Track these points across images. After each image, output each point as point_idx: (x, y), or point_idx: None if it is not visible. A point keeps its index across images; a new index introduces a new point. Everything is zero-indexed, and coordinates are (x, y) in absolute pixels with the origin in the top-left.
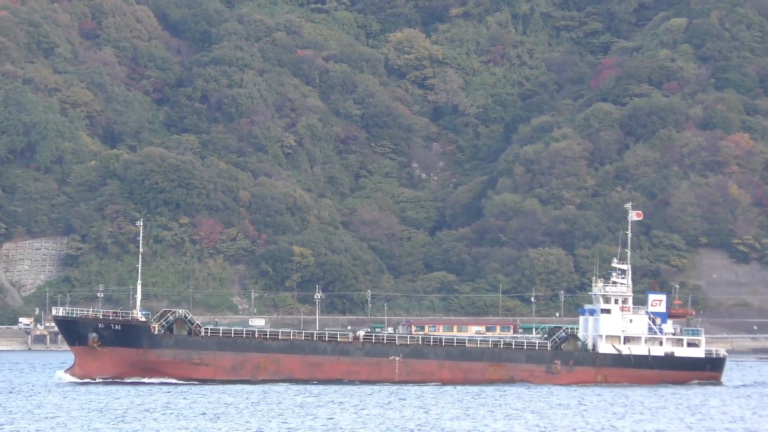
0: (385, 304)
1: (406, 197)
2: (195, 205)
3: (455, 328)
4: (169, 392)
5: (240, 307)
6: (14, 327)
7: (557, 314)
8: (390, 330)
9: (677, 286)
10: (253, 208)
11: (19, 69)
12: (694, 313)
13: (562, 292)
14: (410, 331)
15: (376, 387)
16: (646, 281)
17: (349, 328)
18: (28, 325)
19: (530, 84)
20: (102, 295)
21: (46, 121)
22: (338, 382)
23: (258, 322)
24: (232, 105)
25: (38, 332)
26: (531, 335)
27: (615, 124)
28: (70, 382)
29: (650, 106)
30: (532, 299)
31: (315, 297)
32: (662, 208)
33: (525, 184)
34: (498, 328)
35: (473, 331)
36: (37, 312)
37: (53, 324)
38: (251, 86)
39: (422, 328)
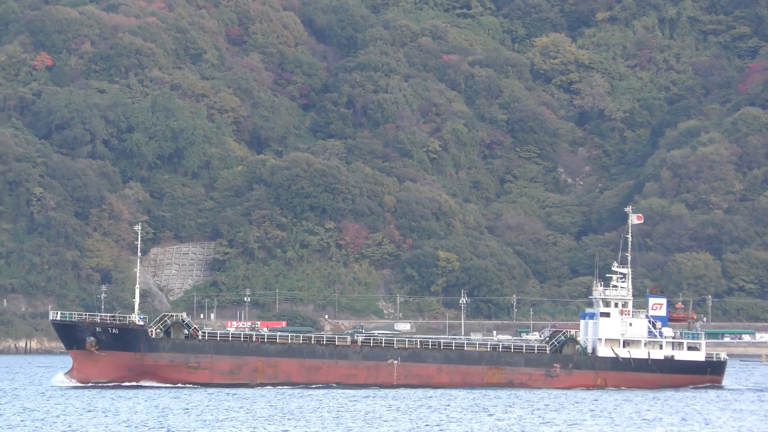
0: (531, 309)
1: (551, 202)
2: (341, 210)
3: None
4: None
5: (385, 311)
6: None
7: (704, 319)
8: (536, 335)
9: None
10: (399, 212)
11: (167, 75)
12: (695, 316)
13: (709, 297)
14: None
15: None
16: None
17: (494, 333)
18: None
19: (677, 88)
20: (248, 300)
21: (193, 127)
22: (336, 385)
23: (403, 327)
24: (378, 110)
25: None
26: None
27: (763, 128)
28: (68, 386)
29: None
30: (680, 304)
31: (460, 302)
32: None
33: (672, 189)
34: None
35: None
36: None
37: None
38: (397, 91)
39: None
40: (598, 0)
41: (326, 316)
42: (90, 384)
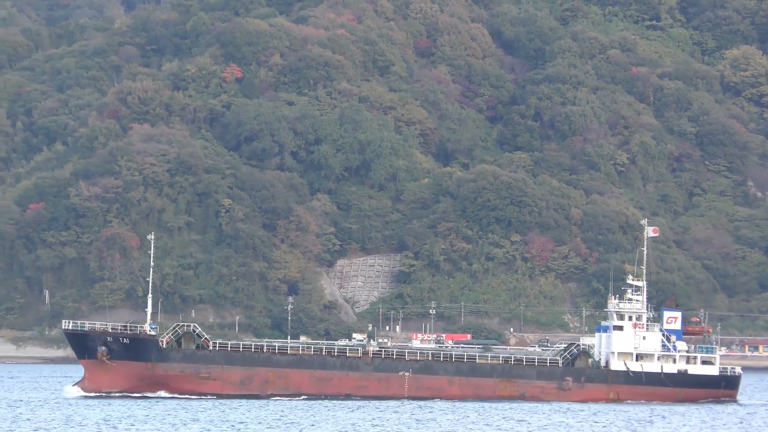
0: (719, 324)
1: (740, 216)
2: (527, 223)
3: None
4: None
5: (571, 325)
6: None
7: None
8: (723, 350)
9: None
10: (585, 226)
11: (355, 87)
12: (711, 330)
13: None
14: (743, 351)
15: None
16: None
17: None
18: (362, 341)
19: None
20: (434, 312)
21: (380, 139)
22: (347, 397)
23: (589, 341)
24: (565, 123)
25: (371, 348)
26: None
27: None
28: (79, 396)
29: None
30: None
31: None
32: None
33: None
34: None
35: None
36: (370, 328)
37: (385, 340)
38: (584, 104)
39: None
40: None
41: (511, 330)
42: (102, 394)
